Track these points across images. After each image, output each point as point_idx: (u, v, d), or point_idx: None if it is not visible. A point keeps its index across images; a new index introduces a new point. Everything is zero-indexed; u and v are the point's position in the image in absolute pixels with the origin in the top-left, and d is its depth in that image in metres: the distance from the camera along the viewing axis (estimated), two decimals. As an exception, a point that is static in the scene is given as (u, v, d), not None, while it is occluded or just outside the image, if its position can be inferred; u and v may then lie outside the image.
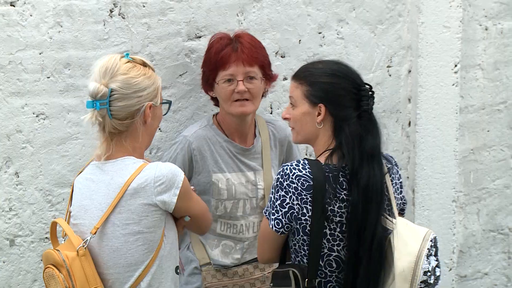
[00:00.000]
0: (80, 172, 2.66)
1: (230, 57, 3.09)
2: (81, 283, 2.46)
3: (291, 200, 2.56)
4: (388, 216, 2.57)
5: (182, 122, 3.44)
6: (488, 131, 4.28)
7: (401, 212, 2.72)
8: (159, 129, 3.38)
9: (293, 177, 2.56)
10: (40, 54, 3.13)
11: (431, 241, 2.56)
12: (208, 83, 3.19)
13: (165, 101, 2.68)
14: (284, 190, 2.57)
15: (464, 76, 4.14)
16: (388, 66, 3.93)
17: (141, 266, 2.52)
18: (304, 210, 2.55)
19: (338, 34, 3.76)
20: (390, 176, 2.64)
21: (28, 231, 3.21)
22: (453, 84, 4.01)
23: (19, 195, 3.18)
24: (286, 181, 2.57)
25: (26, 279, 3.23)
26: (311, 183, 2.54)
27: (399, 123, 4.00)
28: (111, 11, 3.24)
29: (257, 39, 3.24)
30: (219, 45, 3.14)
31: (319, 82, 2.62)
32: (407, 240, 2.53)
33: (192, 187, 2.67)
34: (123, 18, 3.26)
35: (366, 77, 3.83)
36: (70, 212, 2.62)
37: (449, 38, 3.97)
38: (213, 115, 3.30)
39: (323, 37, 3.72)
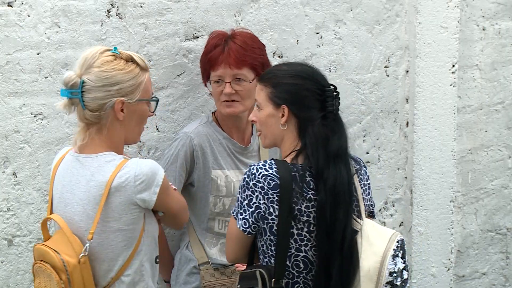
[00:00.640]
0: (61, 160, 2.66)
1: (218, 59, 3.11)
2: None
3: (258, 200, 2.56)
4: (356, 217, 2.57)
5: (180, 122, 3.45)
6: (485, 131, 4.29)
7: (371, 215, 2.70)
8: (157, 129, 3.39)
9: (260, 176, 2.56)
10: (37, 54, 3.14)
11: (397, 242, 2.54)
12: (204, 81, 3.24)
13: (148, 99, 2.64)
14: (251, 189, 2.57)
15: (462, 77, 4.14)
16: (386, 67, 3.93)
17: (120, 261, 2.54)
18: (271, 210, 2.55)
19: (335, 35, 3.77)
20: (358, 177, 2.63)
21: (26, 231, 3.21)
22: (451, 85, 4.02)
23: (17, 195, 3.18)
24: (252, 181, 2.57)
25: (24, 279, 3.23)
26: (278, 182, 2.54)
27: (397, 124, 4.00)
28: (108, 12, 3.24)
29: (255, 39, 3.24)
30: (210, 46, 3.16)
31: (283, 84, 2.62)
32: (373, 240, 2.52)
33: (172, 186, 2.68)
34: (121, 18, 3.27)
35: (364, 77, 3.86)
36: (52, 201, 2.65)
37: (447, 38, 3.97)
38: (212, 112, 3.31)
39: (321, 37, 3.73)
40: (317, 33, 3.72)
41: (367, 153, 3.94)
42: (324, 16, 3.72)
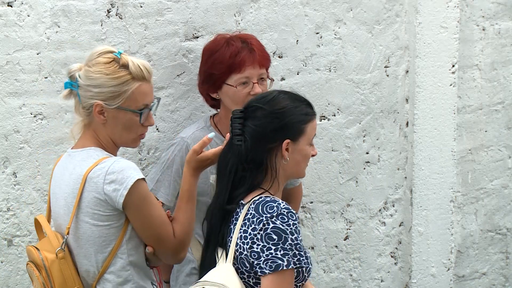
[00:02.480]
0: (60, 158, 2.69)
1: (248, 60, 3.08)
2: (59, 284, 2.50)
3: None
4: (221, 255, 2.58)
5: (180, 123, 3.45)
6: (485, 131, 4.28)
7: (253, 269, 2.48)
8: (157, 129, 3.39)
9: None
10: (37, 54, 3.14)
11: None
12: (216, 85, 3.14)
13: (132, 109, 2.56)
14: None
15: (462, 77, 4.14)
16: (386, 67, 3.93)
17: (100, 257, 2.53)
18: None
19: (335, 35, 3.77)
20: (243, 221, 2.53)
21: (26, 231, 3.21)
22: (451, 85, 4.02)
23: (17, 195, 3.18)
24: None
25: (24, 279, 3.23)
26: None
27: (396, 123, 4.00)
28: (108, 11, 3.25)
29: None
30: (235, 48, 3.09)
31: None
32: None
33: (168, 211, 2.64)
34: (121, 18, 3.27)
35: (364, 77, 3.86)
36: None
37: (447, 38, 3.97)
38: (210, 116, 3.30)
39: (321, 37, 3.73)
40: (317, 33, 3.72)
41: (367, 153, 3.94)
42: (324, 16, 3.72)
